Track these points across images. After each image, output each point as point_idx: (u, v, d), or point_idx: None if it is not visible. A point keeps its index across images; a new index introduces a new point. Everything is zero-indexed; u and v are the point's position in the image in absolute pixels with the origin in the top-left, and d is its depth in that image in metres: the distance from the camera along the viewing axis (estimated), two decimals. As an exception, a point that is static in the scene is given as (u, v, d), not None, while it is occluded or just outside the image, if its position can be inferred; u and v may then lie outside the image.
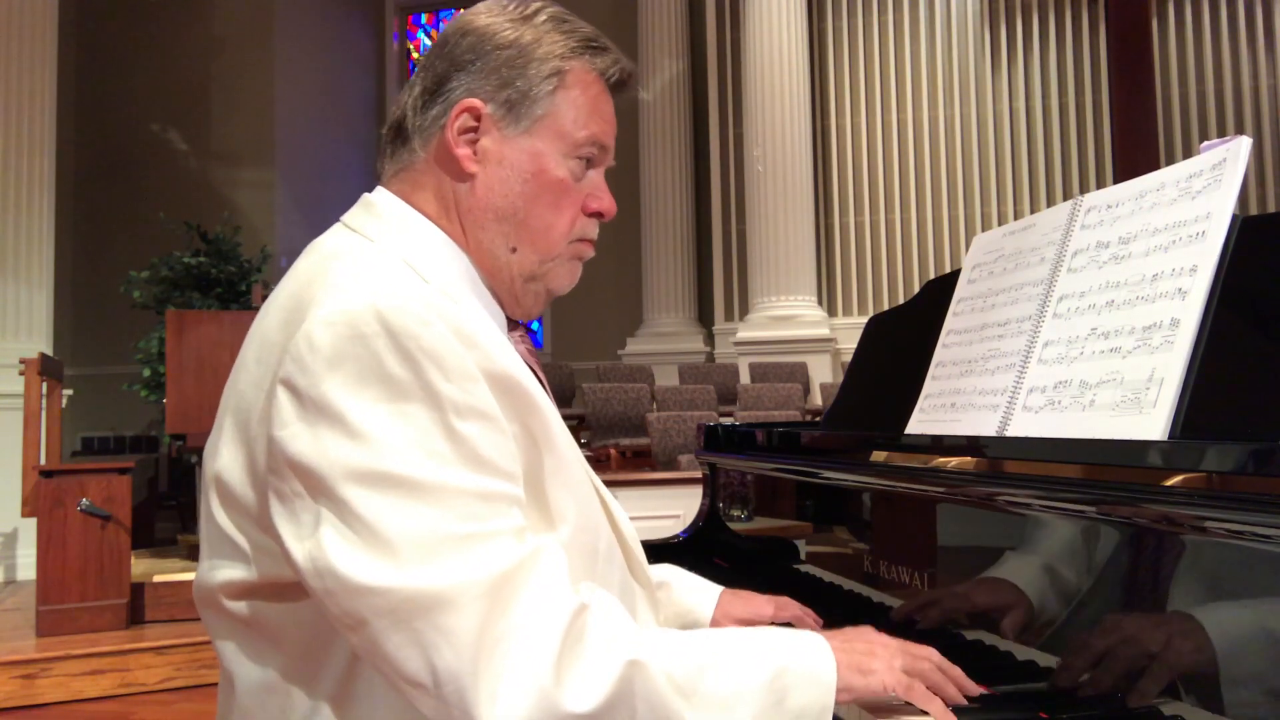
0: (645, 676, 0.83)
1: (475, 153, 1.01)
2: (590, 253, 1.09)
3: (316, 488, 0.83)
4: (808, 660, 0.91)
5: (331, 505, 0.82)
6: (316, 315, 0.86)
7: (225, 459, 0.92)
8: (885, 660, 0.94)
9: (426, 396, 0.84)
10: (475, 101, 1.01)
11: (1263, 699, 0.78)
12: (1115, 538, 0.95)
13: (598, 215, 1.07)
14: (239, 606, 0.92)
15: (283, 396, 0.85)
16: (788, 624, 1.28)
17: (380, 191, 1.06)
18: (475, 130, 1.01)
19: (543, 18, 1.04)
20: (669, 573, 1.34)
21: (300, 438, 0.83)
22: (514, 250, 1.03)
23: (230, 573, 0.92)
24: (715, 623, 1.29)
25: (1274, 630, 0.78)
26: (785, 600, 1.32)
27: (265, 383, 0.89)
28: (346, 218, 1.04)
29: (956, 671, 0.99)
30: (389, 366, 0.84)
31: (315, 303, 0.88)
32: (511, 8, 1.05)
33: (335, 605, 0.82)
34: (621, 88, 1.09)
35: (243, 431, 0.91)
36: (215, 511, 0.94)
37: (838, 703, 0.90)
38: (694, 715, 0.84)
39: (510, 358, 0.93)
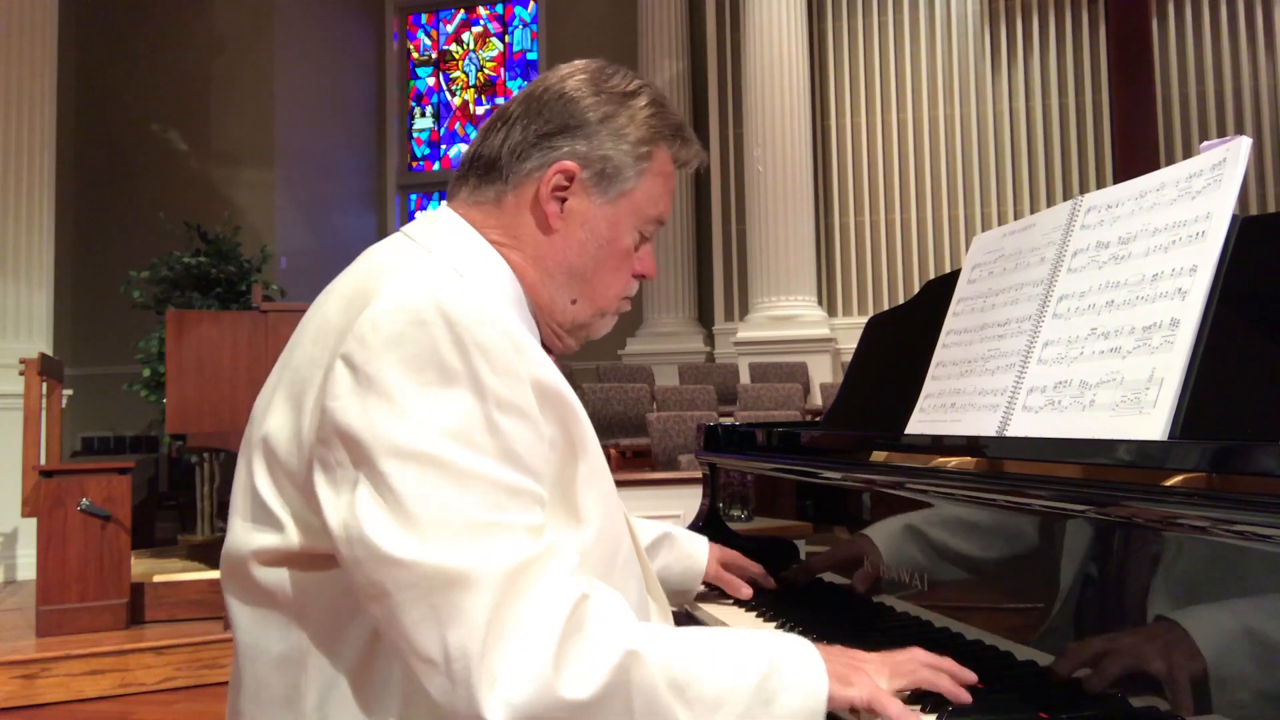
0: (642, 668, 0.86)
1: (561, 210, 1.09)
2: (628, 308, 1.20)
3: (359, 457, 0.88)
4: (799, 666, 0.93)
5: (370, 475, 0.87)
6: (381, 301, 0.92)
7: (275, 422, 0.96)
8: (867, 675, 0.96)
9: (473, 386, 0.89)
10: (573, 166, 1.08)
11: (1263, 700, 0.78)
12: (1115, 538, 0.95)
13: (640, 276, 1.18)
14: (269, 574, 0.96)
15: (340, 370, 0.90)
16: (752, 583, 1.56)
17: (445, 209, 1.12)
18: (565, 189, 1.09)
19: (643, 100, 1.12)
20: (668, 526, 1.54)
21: (351, 409, 0.89)
22: (574, 302, 1.13)
23: (266, 539, 0.96)
24: (709, 567, 1.55)
25: (1275, 631, 0.78)
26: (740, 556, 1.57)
27: (323, 360, 0.94)
28: (407, 228, 1.11)
29: (948, 664, 1.01)
30: (443, 353, 0.89)
31: (380, 290, 0.93)
32: (615, 80, 1.13)
33: (362, 574, 0.86)
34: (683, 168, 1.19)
35: (295, 402, 0.95)
36: (257, 477, 0.97)
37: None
38: (686, 710, 0.87)
39: (552, 368, 0.98)
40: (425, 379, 0.88)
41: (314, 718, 0.93)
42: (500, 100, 9.55)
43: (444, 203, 1.14)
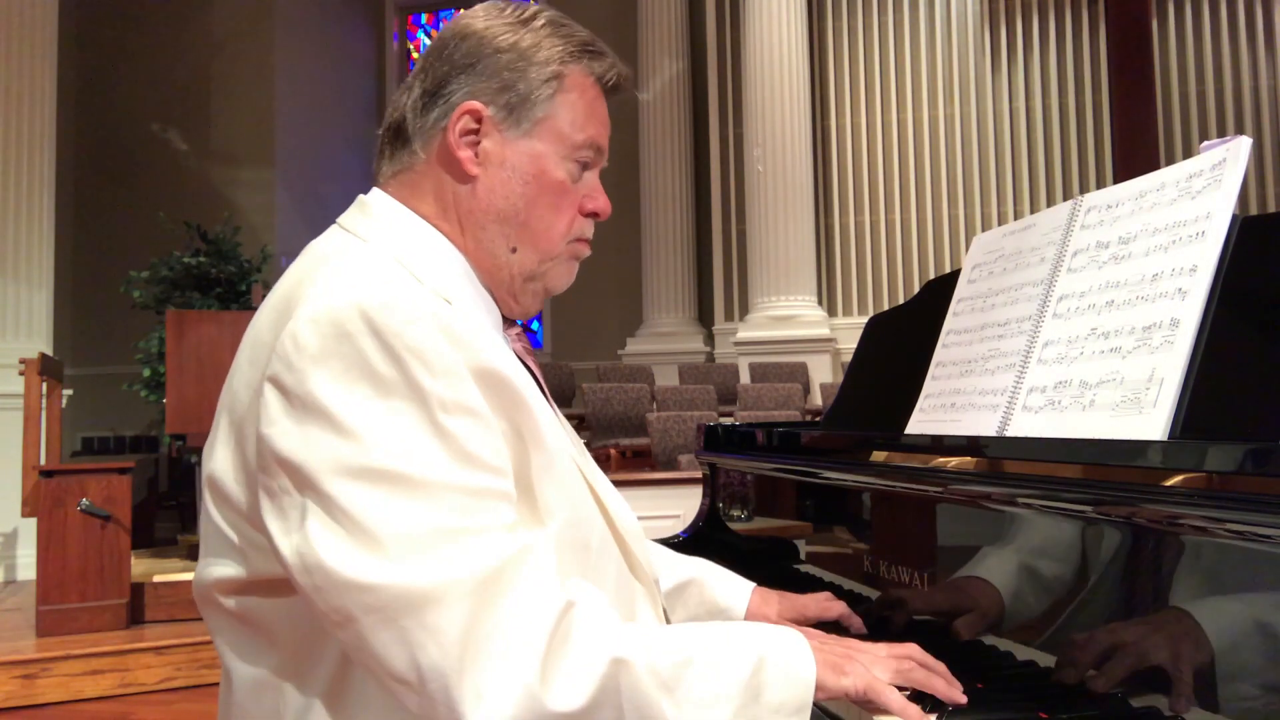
0: (629, 674, 0.83)
1: (476, 155, 1.02)
2: (587, 252, 1.11)
3: (304, 483, 0.84)
4: (786, 656, 0.91)
5: (319, 501, 0.83)
6: (301, 314, 0.87)
7: (219, 460, 0.93)
8: (863, 665, 0.94)
9: (412, 393, 0.85)
10: (476, 104, 1.02)
11: (1263, 698, 0.78)
12: (1115, 537, 0.95)
13: (593, 215, 1.09)
14: (233, 603, 0.94)
15: (270, 394, 0.86)
16: (835, 624, 1.27)
17: (375, 193, 1.07)
18: (476, 133, 1.03)
19: (541, 22, 1.06)
20: (699, 568, 1.34)
21: (288, 434, 0.84)
22: (514, 250, 1.05)
23: (224, 569, 0.94)
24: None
25: (1275, 630, 0.78)
26: (826, 596, 1.31)
27: (255, 382, 0.90)
28: (342, 219, 1.05)
29: (941, 667, 1.00)
30: (374, 363, 0.84)
31: (302, 301, 0.89)
32: (509, 11, 1.06)
33: (323, 601, 0.82)
34: (616, 91, 1.10)
35: (235, 430, 0.92)
36: (210, 510, 0.95)
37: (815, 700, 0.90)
38: (676, 711, 0.84)
39: (500, 355, 0.93)
40: (360, 392, 0.84)
41: None
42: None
43: (374, 187, 1.09)
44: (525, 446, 0.94)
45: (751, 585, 1.34)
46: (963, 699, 0.97)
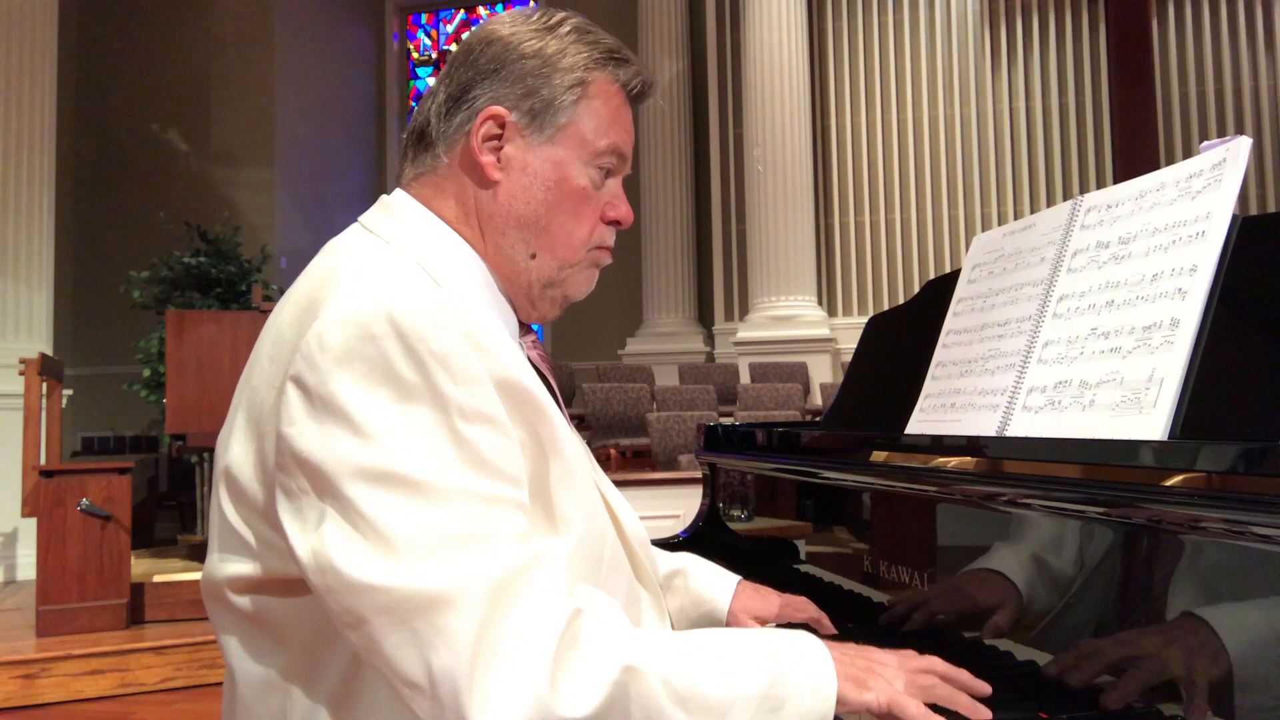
0: (640, 682, 0.82)
1: (498, 160, 1.03)
2: (607, 259, 1.11)
3: (322, 484, 0.83)
4: (807, 669, 0.89)
5: (336, 502, 0.83)
6: (328, 314, 0.87)
7: (236, 453, 0.93)
8: (885, 679, 0.91)
9: (433, 399, 0.84)
10: (500, 109, 1.02)
11: (1262, 698, 0.78)
12: (1115, 538, 0.95)
13: (615, 223, 1.09)
14: (244, 601, 0.93)
15: (292, 393, 0.86)
16: (803, 625, 1.26)
17: (399, 193, 1.07)
18: (499, 138, 1.03)
19: (567, 28, 1.06)
20: (686, 560, 1.35)
21: (308, 435, 0.84)
22: (534, 256, 1.05)
23: (237, 567, 0.93)
24: (731, 615, 1.29)
25: (1274, 630, 0.78)
26: (803, 601, 1.31)
27: (277, 380, 0.90)
28: (364, 218, 1.05)
29: (964, 676, 0.96)
30: (398, 368, 0.84)
31: (328, 302, 0.88)
32: (536, 18, 1.07)
33: (335, 602, 0.82)
34: (641, 98, 1.11)
35: (255, 427, 0.92)
36: (224, 506, 0.94)
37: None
38: None
39: (520, 364, 0.93)
40: (382, 396, 0.83)
41: None
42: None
43: (397, 187, 1.08)
44: (545, 457, 0.95)
45: (736, 579, 1.34)
46: (987, 714, 0.92)
